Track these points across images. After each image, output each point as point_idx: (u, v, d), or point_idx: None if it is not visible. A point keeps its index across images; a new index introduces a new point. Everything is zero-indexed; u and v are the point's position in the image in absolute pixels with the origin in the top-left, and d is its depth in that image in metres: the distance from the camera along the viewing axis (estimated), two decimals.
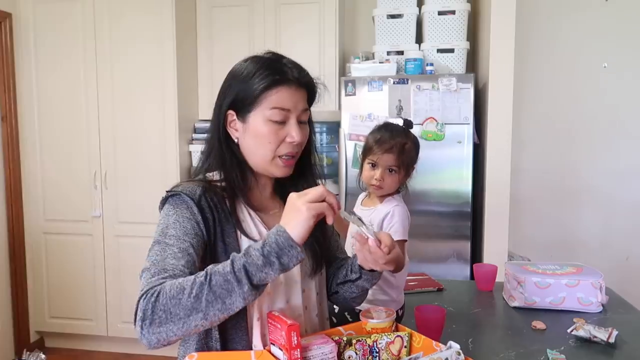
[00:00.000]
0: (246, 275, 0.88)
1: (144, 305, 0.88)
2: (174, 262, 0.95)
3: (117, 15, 3.11)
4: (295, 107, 1.07)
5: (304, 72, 1.10)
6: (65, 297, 3.31)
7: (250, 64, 1.08)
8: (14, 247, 3.25)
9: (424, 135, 2.78)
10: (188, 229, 1.00)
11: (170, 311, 0.87)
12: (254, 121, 1.06)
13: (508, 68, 2.68)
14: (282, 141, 1.06)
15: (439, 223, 2.85)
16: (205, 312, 0.87)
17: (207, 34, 3.31)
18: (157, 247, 0.98)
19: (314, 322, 1.15)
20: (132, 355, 3.29)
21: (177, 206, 1.03)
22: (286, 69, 1.07)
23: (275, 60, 1.08)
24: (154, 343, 0.90)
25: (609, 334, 1.39)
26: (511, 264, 1.85)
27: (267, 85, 1.04)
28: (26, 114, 3.26)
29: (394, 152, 1.51)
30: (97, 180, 3.21)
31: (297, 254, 0.90)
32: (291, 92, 1.06)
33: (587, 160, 3.22)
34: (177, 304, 0.87)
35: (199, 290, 0.87)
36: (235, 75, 1.09)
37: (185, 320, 0.88)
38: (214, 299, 0.87)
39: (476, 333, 1.54)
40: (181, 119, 3.14)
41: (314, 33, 3.19)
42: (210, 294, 0.87)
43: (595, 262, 2.14)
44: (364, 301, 1.26)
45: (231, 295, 0.88)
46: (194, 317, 0.87)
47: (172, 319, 0.87)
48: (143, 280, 0.94)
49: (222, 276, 0.88)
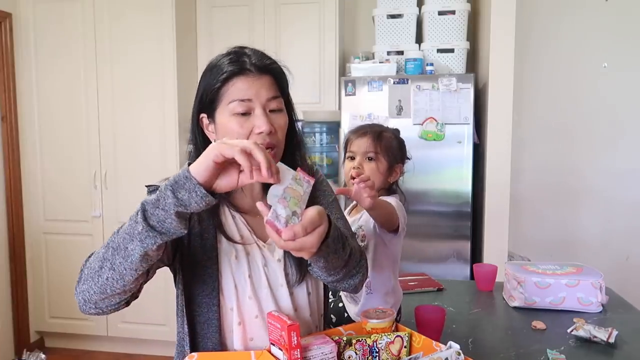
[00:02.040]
0: (143, 215, 0.81)
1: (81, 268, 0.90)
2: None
3: (117, 15, 3.11)
4: (257, 95, 1.00)
5: (262, 58, 1.03)
6: (65, 297, 3.30)
7: (214, 60, 1.05)
8: (14, 247, 3.25)
9: (424, 135, 2.78)
10: None
11: (90, 266, 0.87)
12: (220, 119, 1.02)
13: (508, 68, 2.68)
14: (250, 133, 1.00)
15: (439, 223, 2.85)
16: (111, 260, 0.84)
17: (207, 33, 3.31)
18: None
19: (307, 322, 1.12)
20: (132, 355, 3.29)
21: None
22: (245, 58, 1.02)
23: (235, 52, 1.04)
24: (81, 304, 0.89)
25: (609, 334, 1.39)
26: (511, 264, 1.85)
27: (225, 78, 1.00)
28: (26, 114, 3.26)
29: (370, 135, 1.44)
30: (97, 180, 3.21)
31: (195, 187, 0.80)
32: (250, 81, 0.99)
33: (587, 160, 3.22)
34: (95, 259, 0.87)
35: (110, 240, 0.85)
36: (201, 75, 1.06)
37: (99, 274, 0.85)
38: (118, 245, 0.83)
39: (476, 333, 1.54)
40: (181, 119, 3.14)
41: (314, 33, 3.19)
42: (115, 240, 0.83)
43: (595, 262, 2.14)
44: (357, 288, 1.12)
45: (132, 239, 0.81)
46: (105, 268, 0.84)
47: (91, 274, 0.87)
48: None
49: (128, 221, 0.83)
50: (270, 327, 0.97)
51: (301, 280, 1.09)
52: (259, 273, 1.06)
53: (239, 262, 1.04)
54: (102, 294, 0.87)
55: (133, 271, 0.84)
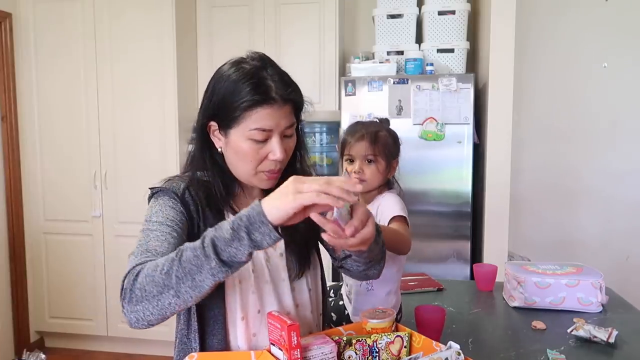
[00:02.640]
0: (214, 250, 0.83)
1: (125, 284, 0.89)
2: (157, 244, 0.96)
3: (117, 15, 3.11)
4: (278, 125, 1.01)
5: (288, 89, 1.02)
6: (65, 297, 3.31)
7: (234, 74, 1.01)
8: (14, 247, 3.25)
9: (424, 135, 2.78)
10: (171, 215, 1.01)
11: (145, 289, 0.86)
12: (235, 138, 1.02)
13: (508, 68, 2.68)
14: (264, 158, 1.02)
15: (439, 223, 2.85)
16: (176, 289, 0.85)
17: (207, 33, 3.31)
18: (142, 235, 1.00)
19: (308, 320, 1.14)
20: (132, 355, 3.29)
21: (160, 197, 1.05)
22: (269, 83, 1.00)
23: (258, 74, 1.01)
24: (133, 322, 0.89)
25: (609, 334, 1.39)
26: (511, 264, 1.85)
27: (248, 106, 0.99)
28: (26, 114, 3.26)
29: (367, 139, 1.46)
30: (97, 180, 3.21)
31: (270, 232, 0.83)
32: (273, 111, 0.99)
33: (587, 160, 3.22)
34: (151, 281, 0.86)
35: (169, 266, 0.85)
36: (217, 82, 1.04)
37: (159, 298, 0.86)
38: (184, 275, 0.84)
39: (476, 333, 1.54)
40: (181, 119, 3.14)
41: (314, 33, 3.19)
42: (180, 269, 0.85)
43: (595, 262, 2.14)
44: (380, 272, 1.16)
45: (201, 271, 0.84)
46: (166, 294, 0.85)
47: (146, 296, 0.86)
48: (128, 263, 0.94)
49: (192, 251, 0.85)
50: (270, 327, 0.97)
51: (301, 274, 1.12)
52: (262, 268, 1.08)
53: None
54: (161, 316, 0.89)
55: (199, 298, 0.88)
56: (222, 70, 1.04)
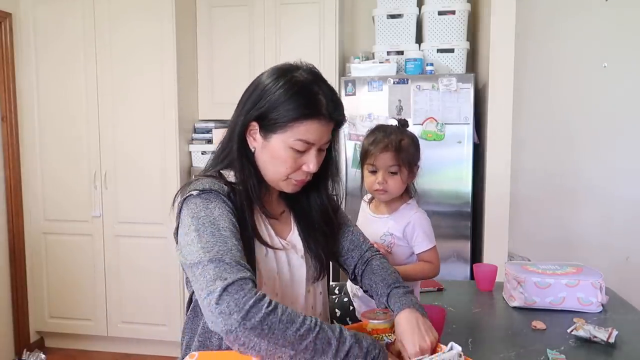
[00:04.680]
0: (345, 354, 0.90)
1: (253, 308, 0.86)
2: (240, 255, 0.94)
3: (117, 15, 3.11)
4: (320, 140, 1.05)
5: (338, 110, 1.07)
6: (65, 297, 3.31)
7: (286, 85, 1.03)
8: (14, 247, 3.25)
9: (424, 135, 2.78)
10: (234, 222, 1.00)
11: (274, 332, 0.86)
12: (275, 144, 1.05)
13: (508, 68, 2.68)
14: (299, 168, 1.06)
15: (439, 223, 2.84)
16: (297, 352, 0.88)
17: (207, 33, 3.31)
18: (214, 240, 0.94)
19: None
20: (132, 355, 3.29)
21: (214, 200, 1.01)
22: (320, 100, 1.03)
23: (311, 88, 1.04)
24: (239, 345, 0.87)
25: (609, 334, 1.39)
26: (511, 264, 1.85)
27: (298, 117, 1.02)
28: (26, 114, 3.26)
29: (391, 149, 1.46)
30: (97, 180, 3.21)
31: None
32: (320, 126, 1.04)
33: (588, 160, 3.22)
34: (283, 330, 0.87)
35: (306, 333, 0.88)
36: (265, 91, 1.04)
37: (278, 348, 0.87)
38: (312, 349, 0.89)
39: (476, 333, 1.54)
40: (181, 119, 3.14)
41: (314, 33, 3.19)
42: (312, 342, 0.89)
43: (595, 262, 2.14)
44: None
45: (324, 354, 0.89)
46: (287, 350, 0.88)
47: (271, 337, 0.86)
48: (214, 270, 0.89)
49: (328, 334, 0.90)
50: None
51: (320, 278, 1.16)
52: (284, 271, 1.11)
53: (268, 259, 1.09)
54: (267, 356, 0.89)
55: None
56: (271, 79, 1.05)
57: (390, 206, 1.55)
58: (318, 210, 1.18)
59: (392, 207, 1.55)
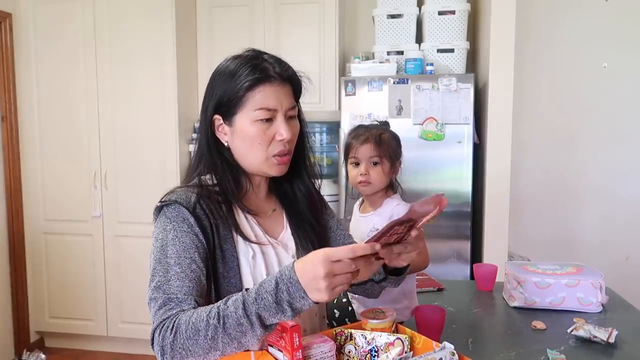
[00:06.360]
0: (259, 320, 0.89)
1: (160, 341, 0.90)
2: (178, 284, 0.96)
3: (117, 15, 3.11)
4: (281, 104, 1.05)
5: (285, 66, 1.07)
6: (65, 297, 3.31)
7: (231, 64, 1.06)
8: (14, 247, 3.25)
9: (424, 135, 2.78)
10: (187, 244, 0.99)
11: (190, 349, 0.90)
12: (240, 123, 1.05)
13: (508, 68, 2.68)
14: (272, 140, 1.05)
15: (439, 223, 2.84)
16: (222, 350, 0.90)
17: (207, 33, 3.31)
18: (159, 267, 0.98)
19: (314, 323, 1.17)
20: (132, 355, 3.29)
21: (174, 220, 1.01)
22: (267, 64, 1.04)
23: (255, 57, 1.06)
24: None
25: (609, 334, 1.39)
26: (511, 264, 1.85)
27: (250, 85, 1.02)
28: (26, 114, 3.26)
29: (371, 141, 1.50)
30: (97, 180, 3.21)
31: (310, 303, 0.89)
32: (275, 89, 1.04)
33: (588, 160, 3.22)
34: (194, 344, 0.89)
35: (214, 333, 0.89)
36: (216, 77, 1.07)
37: (205, 356, 0.90)
38: (230, 340, 0.89)
39: (476, 333, 1.54)
40: (181, 119, 3.14)
41: (314, 33, 3.19)
42: (225, 336, 0.89)
43: (595, 261, 2.14)
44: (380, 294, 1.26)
45: (245, 335, 0.90)
46: (213, 353, 0.90)
47: (191, 355, 0.90)
48: (152, 311, 0.95)
49: (235, 320, 0.89)
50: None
51: None
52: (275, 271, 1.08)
53: (256, 261, 1.07)
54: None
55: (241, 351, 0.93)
56: (220, 66, 1.09)
57: (374, 203, 1.57)
58: (303, 196, 1.18)
59: (375, 203, 1.56)
